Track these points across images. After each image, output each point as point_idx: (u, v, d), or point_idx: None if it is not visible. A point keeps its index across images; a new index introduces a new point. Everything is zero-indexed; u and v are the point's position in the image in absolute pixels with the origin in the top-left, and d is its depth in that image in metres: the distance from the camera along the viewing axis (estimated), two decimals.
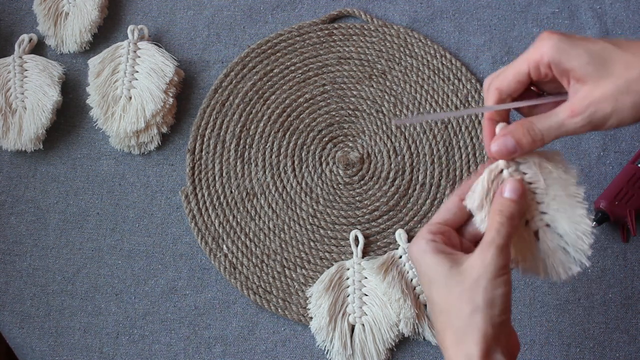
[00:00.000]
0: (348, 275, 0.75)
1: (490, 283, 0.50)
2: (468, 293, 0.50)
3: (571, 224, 0.53)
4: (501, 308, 0.50)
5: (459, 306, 0.51)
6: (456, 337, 0.51)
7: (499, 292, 0.50)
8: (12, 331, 0.76)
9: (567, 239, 0.54)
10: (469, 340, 0.50)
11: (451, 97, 0.82)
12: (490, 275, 0.50)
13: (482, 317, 0.50)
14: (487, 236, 0.52)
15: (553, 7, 0.86)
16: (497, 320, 0.50)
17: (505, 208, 0.52)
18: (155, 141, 0.81)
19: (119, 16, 0.88)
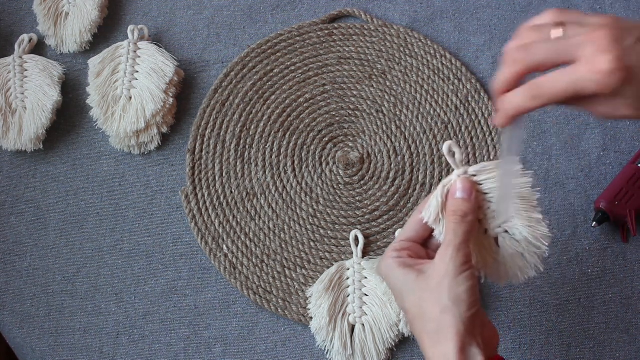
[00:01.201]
0: (348, 275, 0.75)
1: (454, 281, 0.52)
2: (435, 295, 0.53)
3: (527, 229, 0.55)
4: (468, 303, 0.52)
5: (429, 309, 0.53)
6: (432, 340, 0.53)
7: (463, 289, 0.52)
8: (12, 331, 0.76)
9: (524, 244, 0.55)
10: (443, 340, 0.52)
11: (451, 97, 0.82)
12: (452, 274, 0.52)
13: (452, 316, 0.52)
14: (445, 238, 0.54)
15: (553, 7, 0.86)
16: (466, 316, 0.52)
17: (457, 207, 0.54)
18: (156, 141, 0.81)
19: (119, 16, 0.88)
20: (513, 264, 0.56)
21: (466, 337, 0.51)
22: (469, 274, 0.53)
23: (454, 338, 0.51)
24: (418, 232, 0.58)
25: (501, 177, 0.55)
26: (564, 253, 0.76)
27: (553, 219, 0.78)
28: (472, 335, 0.52)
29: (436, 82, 0.83)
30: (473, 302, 0.52)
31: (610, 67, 0.46)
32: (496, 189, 0.55)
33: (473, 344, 0.52)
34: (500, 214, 0.55)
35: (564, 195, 0.79)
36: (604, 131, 0.81)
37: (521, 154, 0.55)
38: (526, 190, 0.55)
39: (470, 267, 0.53)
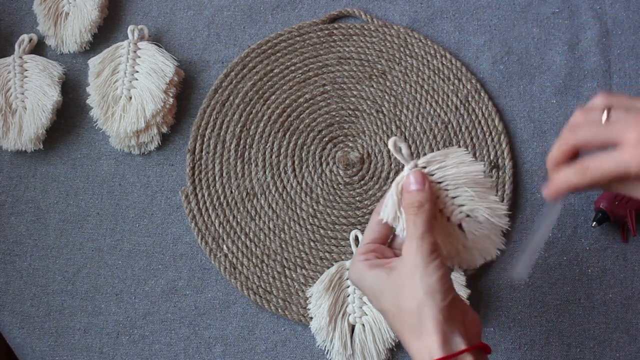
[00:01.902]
0: (348, 275, 0.75)
1: (424, 273, 0.53)
2: (408, 289, 0.53)
3: (487, 210, 0.57)
4: (442, 292, 0.53)
5: (406, 305, 0.53)
6: (413, 334, 0.53)
7: (435, 279, 0.53)
8: (12, 331, 0.76)
9: (487, 224, 0.58)
10: (425, 334, 0.52)
11: (451, 97, 0.82)
12: (421, 265, 0.53)
13: (429, 307, 0.52)
14: (407, 232, 0.55)
15: (553, 7, 0.86)
16: (442, 305, 0.52)
17: (413, 199, 0.55)
18: (156, 141, 0.81)
19: (119, 16, 0.88)
20: (481, 245, 0.58)
21: (447, 326, 0.52)
22: (438, 262, 0.54)
23: (434, 330, 0.52)
24: (380, 233, 0.59)
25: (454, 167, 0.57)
26: (564, 253, 0.76)
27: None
28: (452, 324, 0.52)
29: (436, 82, 0.83)
30: (447, 289, 0.53)
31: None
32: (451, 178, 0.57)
33: (455, 332, 0.52)
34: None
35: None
36: None
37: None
38: (480, 177, 0.57)
39: (437, 256, 0.54)
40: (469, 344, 0.53)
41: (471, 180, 0.57)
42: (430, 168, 0.57)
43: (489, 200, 0.57)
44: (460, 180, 0.57)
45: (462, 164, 0.57)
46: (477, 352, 0.53)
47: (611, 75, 0.83)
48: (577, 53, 0.84)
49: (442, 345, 0.51)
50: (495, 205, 0.57)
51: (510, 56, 0.84)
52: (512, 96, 0.83)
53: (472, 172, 0.57)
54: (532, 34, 0.85)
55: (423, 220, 0.55)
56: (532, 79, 0.83)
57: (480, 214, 0.57)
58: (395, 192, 0.57)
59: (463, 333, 0.53)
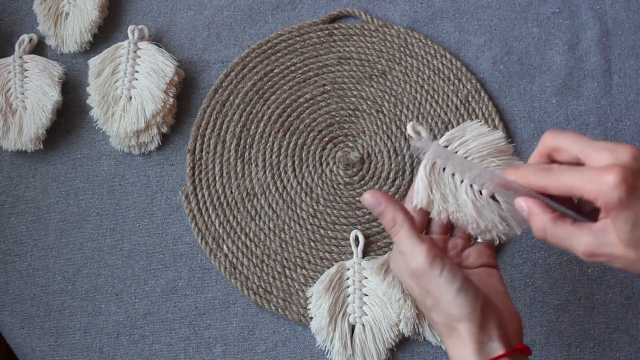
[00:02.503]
0: (348, 276, 0.75)
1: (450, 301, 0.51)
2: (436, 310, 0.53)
3: None
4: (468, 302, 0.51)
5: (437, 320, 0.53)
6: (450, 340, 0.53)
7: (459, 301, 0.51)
8: (12, 331, 0.76)
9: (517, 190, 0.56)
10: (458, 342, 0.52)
11: (451, 97, 0.82)
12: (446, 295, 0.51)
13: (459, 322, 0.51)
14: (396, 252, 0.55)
15: (553, 7, 0.86)
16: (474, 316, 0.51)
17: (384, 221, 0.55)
18: (156, 141, 0.81)
19: (119, 16, 0.88)
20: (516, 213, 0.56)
21: (479, 334, 0.51)
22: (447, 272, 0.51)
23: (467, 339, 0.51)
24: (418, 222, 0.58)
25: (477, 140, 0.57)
26: (564, 253, 0.76)
27: None
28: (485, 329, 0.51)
29: (436, 82, 0.83)
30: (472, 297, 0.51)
31: (615, 181, 0.45)
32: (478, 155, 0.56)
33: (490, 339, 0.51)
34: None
35: None
36: (604, 131, 0.81)
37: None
38: (502, 144, 0.56)
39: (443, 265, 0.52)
40: (507, 346, 0.51)
41: (495, 150, 0.56)
42: (453, 145, 0.57)
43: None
44: (484, 152, 0.56)
45: (481, 136, 0.57)
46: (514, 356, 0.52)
47: (611, 75, 0.83)
48: (577, 53, 0.84)
49: (473, 355, 0.51)
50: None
51: (510, 56, 0.84)
52: (512, 96, 0.83)
53: (494, 141, 0.56)
54: (532, 34, 0.85)
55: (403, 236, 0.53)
56: (532, 79, 0.83)
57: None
58: (425, 174, 0.56)
59: (501, 336, 0.51)
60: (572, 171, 0.48)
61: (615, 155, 0.46)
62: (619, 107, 0.82)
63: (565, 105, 0.82)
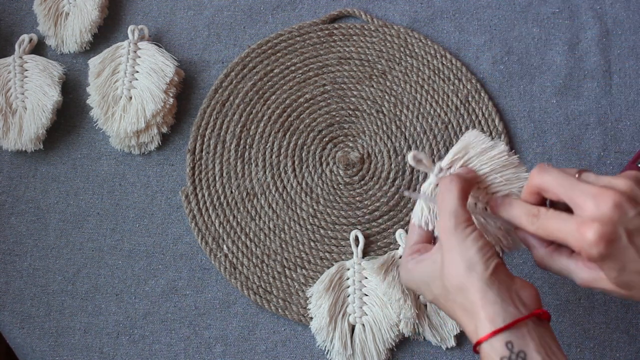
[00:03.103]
0: (348, 276, 0.75)
1: (461, 248, 0.52)
2: (449, 268, 0.52)
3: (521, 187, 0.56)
4: (483, 262, 0.51)
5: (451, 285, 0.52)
6: (466, 313, 0.52)
7: (472, 252, 0.51)
8: (12, 331, 0.76)
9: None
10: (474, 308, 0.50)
11: (451, 97, 0.82)
12: (456, 240, 0.52)
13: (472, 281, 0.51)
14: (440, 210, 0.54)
15: (553, 7, 0.86)
16: (486, 275, 0.50)
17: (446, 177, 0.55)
18: (156, 141, 0.81)
19: (119, 16, 0.88)
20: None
21: (495, 297, 0.49)
22: (475, 235, 0.52)
23: (482, 303, 0.49)
24: (421, 235, 0.59)
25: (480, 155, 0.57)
26: None
27: None
28: (501, 293, 0.50)
29: (436, 82, 0.83)
30: (488, 258, 0.51)
31: (595, 238, 0.47)
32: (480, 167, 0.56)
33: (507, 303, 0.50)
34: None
35: None
36: (604, 131, 0.81)
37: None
38: (504, 158, 0.56)
39: (473, 229, 0.52)
40: (526, 311, 0.50)
41: (498, 164, 0.56)
42: (456, 167, 0.57)
43: (521, 179, 0.56)
44: (487, 168, 0.56)
45: (483, 152, 0.56)
46: (535, 320, 0.50)
47: (611, 75, 0.83)
48: (577, 53, 0.84)
49: (492, 318, 0.49)
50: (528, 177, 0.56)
51: (510, 56, 0.84)
52: (512, 96, 0.83)
53: (496, 156, 0.56)
54: (532, 34, 0.85)
55: (454, 196, 0.53)
56: (532, 79, 0.83)
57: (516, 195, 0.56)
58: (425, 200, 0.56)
59: (517, 301, 0.50)
60: (557, 219, 0.50)
61: (597, 205, 0.48)
62: (619, 107, 0.82)
63: (565, 105, 0.82)
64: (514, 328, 0.49)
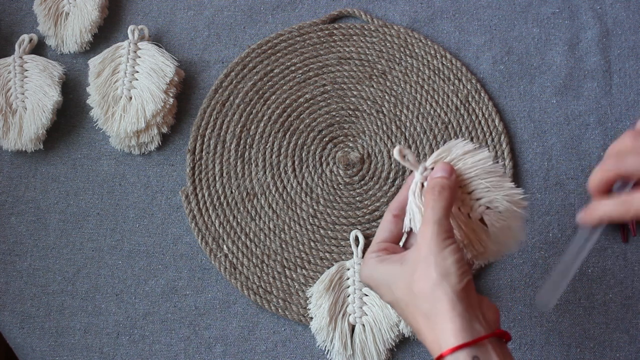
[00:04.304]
0: (348, 276, 0.75)
1: (439, 256, 0.51)
2: (423, 273, 0.51)
3: (506, 197, 0.56)
4: (458, 275, 0.51)
5: (420, 289, 0.51)
6: (428, 321, 0.51)
7: (450, 262, 0.51)
8: (12, 331, 0.76)
9: (507, 212, 0.56)
10: (439, 318, 0.50)
11: (451, 97, 0.82)
12: (435, 249, 0.51)
13: (443, 290, 0.50)
14: (424, 216, 0.53)
15: (553, 7, 0.86)
16: (458, 287, 0.50)
17: (435, 184, 0.54)
18: (156, 141, 0.81)
19: (119, 16, 0.88)
20: (503, 237, 0.57)
21: (463, 311, 0.50)
22: (454, 247, 0.52)
23: (450, 314, 0.49)
24: (392, 233, 0.58)
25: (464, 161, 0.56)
26: (564, 253, 0.76)
27: (553, 219, 0.78)
28: (470, 309, 0.50)
29: (436, 82, 0.83)
30: (463, 273, 0.51)
31: None
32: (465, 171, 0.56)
33: (473, 318, 0.50)
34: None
35: (564, 195, 0.79)
36: (604, 131, 0.81)
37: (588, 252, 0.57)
38: (489, 164, 0.56)
39: (453, 242, 0.52)
40: (490, 330, 0.50)
41: (482, 170, 0.56)
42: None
43: (505, 188, 0.56)
44: (471, 173, 0.56)
45: (467, 155, 0.56)
46: (497, 340, 0.50)
47: (611, 75, 0.83)
48: (577, 53, 0.84)
49: (459, 331, 0.49)
50: (512, 191, 0.56)
51: (510, 56, 0.84)
52: (512, 96, 0.83)
53: (480, 161, 0.56)
54: (532, 34, 0.85)
55: (441, 206, 0.53)
56: (532, 79, 0.83)
57: (499, 204, 0.56)
58: (416, 202, 0.56)
59: (481, 319, 0.50)
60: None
61: None
62: (619, 107, 0.82)
63: (565, 105, 0.82)
64: (480, 344, 0.49)
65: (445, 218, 0.53)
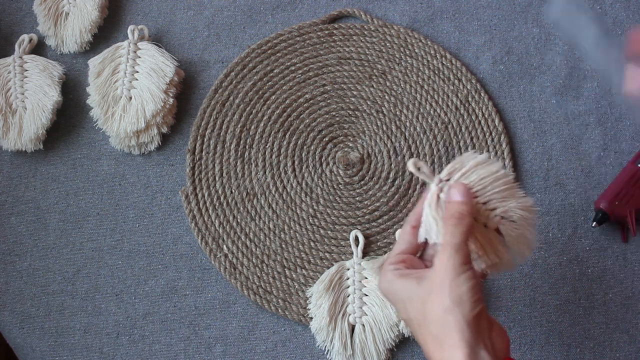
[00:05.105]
0: (348, 276, 0.75)
1: (454, 282, 0.52)
2: (437, 297, 0.52)
3: (518, 207, 0.56)
4: (471, 302, 0.51)
5: (432, 312, 0.52)
6: (437, 343, 0.52)
7: (464, 289, 0.52)
8: (12, 331, 0.76)
9: (521, 221, 0.57)
10: (448, 344, 0.51)
11: (451, 97, 0.82)
12: (452, 274, 0.52)
13: (454, 317, 0.51)
14: (443, 241, 0.54)
15: (553, 7, 0.86)
16: (470, 315, 0.51)
17: (454, 210, 0.55)
18: (156, 141, 0.81)
19: (119, 16, 0.88)
20: (518, 246, 0.57)
21: (472, 339, 0.51)
22: (470, 274, 0.52)
23: (459, 342, 0.50)
24: (412, 244, 0.59)
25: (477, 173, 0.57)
26: (564, 253, 0.76)
27: (553, 219, 0.78)
28: (478, 337, 0.51)
29: (436, 82, 0.83)
30: (476, 300, 0.52)
31: None
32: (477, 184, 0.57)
33: (480, 346, 0.51)
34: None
35: (564, 195, 0.79)
36: (604, 131, 0.81)
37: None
38: (500, 174, 0.56)
39: (469, 268, 0.53)
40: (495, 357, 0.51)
41: (495, 180, 0.56)
42: (454, 178, 0.57)
43: (517, 196, 0.57)
44: (485, 183, 0.56)
45: (479, 166, 0.56)
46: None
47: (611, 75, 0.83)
48: (577, 53, 0.84)
49: (465, 357, 0.50)
50: (524, 200, 0.57)
51: (510, 56, 0.84)
52: (512, 96, 0.83)
53: (493, 172, 0.56)
54: (532, 34, 0.85)
55: (461, 232, 0.54)
56: (532, 79, 0.83)
57: (513, 213, 0.56)
58: (432, 214, 0.56)
59: (489, 347, 0.51)
60: None
61: None
62: (619, 107, 0.82)
63: (565, 105, 0.82)
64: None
65: (464, 244, 0.54)
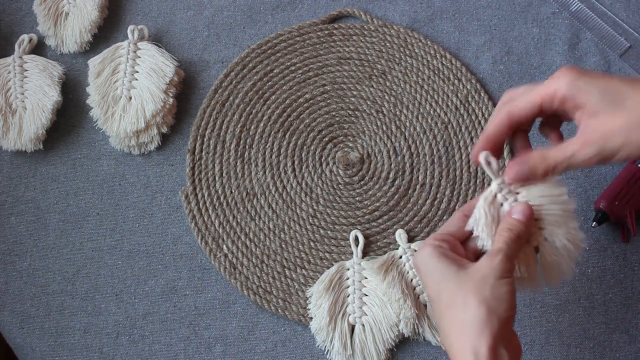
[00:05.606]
0: (348, 276, 0.75)
1: (497, 281, 0.53)
2: (475, 288, 0.53)
3: (566, 236, 0.56)
4: (507, 305, 0.52)
5: (466, 299, 0.53)
6: (462, 330, 0.52)
7: (504, 290, 0.53)
8: (12, 331, 0.76)
9: (563, 250, 0.56)
10: (475, 333, 0.51)
11: (451, 97, 0.82)
12: (497, 274, 0.53)
13: (488, 311, 0.52)
14: (495, 246, 0.55)
15: (553, 7, 0.86)
16: (503, 316, 0.52)
17: (514, 227, 0.55)
18: (156, 141, 0.81)
19: (119, 16, 0.88)
20: (551, 271, 0.57)
21: (498, 336, 0.51)
22: (511, 281, 0.53)
23: (487, 334, 0.51)
24: (460, 230, 0.58)
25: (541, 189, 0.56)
26: None
27: None
28: (503, 338, 0.52)
29: (436, 82, 0.83)
30: (511, 306, 0.52)
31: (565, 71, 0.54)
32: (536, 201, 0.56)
33: (502, 345, 0.51)
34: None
35: None
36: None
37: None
38: (564, 198, 0.56)
39: (512, 278, 0.54)
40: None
41: (554, 202, 0.56)
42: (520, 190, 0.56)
43: (569, 227, 0.56)
44: (544, 202, 0.56)
45: (548, 186, 0.56)
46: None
47: None
48: (577, 53, 0.84)
49: (490, 352, 0.51)
50: (574, 232, 0.56)
51: (510, 56, 0.84)
52: None
53: (556, 193, 0.56)
54: (532, 34, 0.85)
55: (514, 248, 0.54)
56: (532, 79, 0.83)
57: (558, 240, 0.56)
58: (485, 206, 0.56)
59: (509, 351, 0.52)
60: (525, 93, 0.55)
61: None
62: None
63: None
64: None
65: (514, 257, 0.55)
